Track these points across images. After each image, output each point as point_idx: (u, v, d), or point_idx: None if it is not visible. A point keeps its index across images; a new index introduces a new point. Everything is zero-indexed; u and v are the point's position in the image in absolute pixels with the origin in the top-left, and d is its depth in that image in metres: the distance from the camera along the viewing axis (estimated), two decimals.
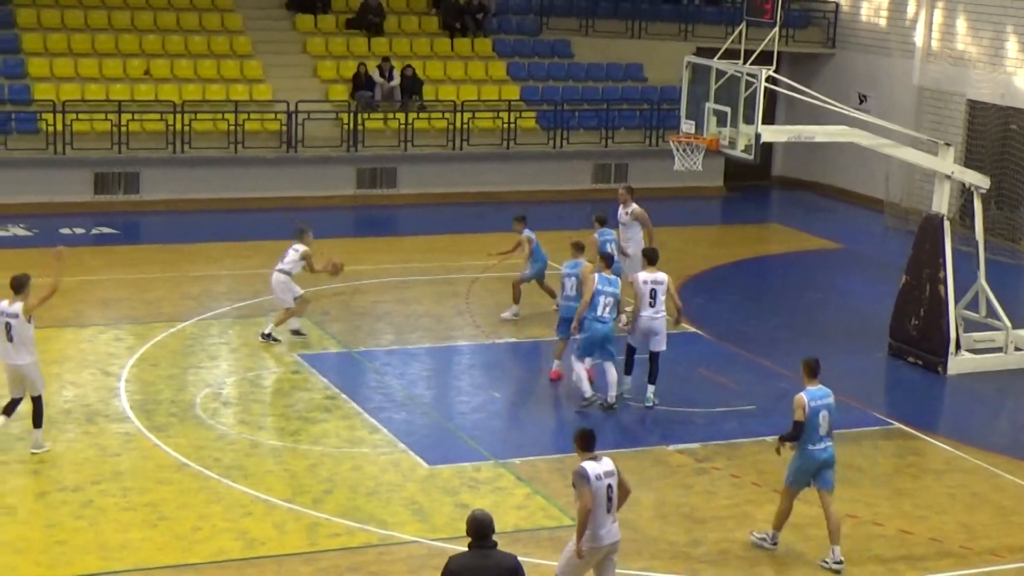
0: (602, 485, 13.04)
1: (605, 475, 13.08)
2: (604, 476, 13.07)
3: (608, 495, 13.08)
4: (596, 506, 13.00)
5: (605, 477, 13.07)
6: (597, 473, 13.04)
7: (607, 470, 13.11)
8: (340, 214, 32.87)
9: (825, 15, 38.48)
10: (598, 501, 13.00)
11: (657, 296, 19.96)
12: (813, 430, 15.47)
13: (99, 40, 34.41)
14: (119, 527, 15.59)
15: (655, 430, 19.31)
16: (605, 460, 13.19)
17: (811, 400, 15.50)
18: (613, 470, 13.16)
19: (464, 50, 37.35)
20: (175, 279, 25.87)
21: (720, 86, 21.84)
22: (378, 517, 16.11)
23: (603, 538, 13.11)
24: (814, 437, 15.48)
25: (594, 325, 19.79)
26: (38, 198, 31.13)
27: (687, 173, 23.74)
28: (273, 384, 20.59)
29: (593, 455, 13.20)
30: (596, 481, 13.00)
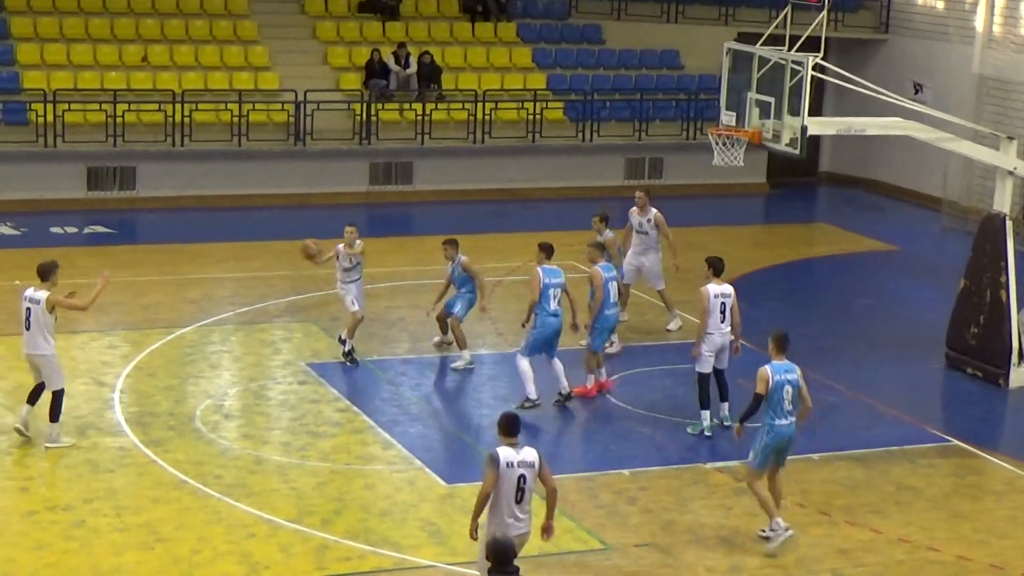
0: (512, 473, 13.40)
1: (519, 464, 13.45)
2: (518, 465, 13.44)
3: (519, 485, 13.42)
4: (503, 494, 13.41)
5: (519, 467, 13.44)
6: (509, 460, 13.43)
7: (524, 460, 13.48)
8: (352, 212, 32.78)
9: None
10: (505, 489, 13.39)
11: (726, 310, 19.76)
12: (778, 404, 16.11)
13: (93, 24, 34.54)
14: (113, 549, 15.62)
15: (692, 447, 19.28)
16: (527, 450, 13.57)
17: (775, 373, 16.20)
18: (533, 462, 13.51)
19: (486, 35, 37.38)
20: (174, 282, 25.94)
21: (763, 74, 21.80)
22: (392, 539, 16.13)
23: (511, 528, 13.43)
24: (780, 411, 16.18)
25: (548, 320, 20.05)
26: (27, 194, 31.26)
27: (727, 169, 23.69)
28: (279, 396, 20.62)
29: (513, 441, 13.58)
30: (506, 468, 13.39)
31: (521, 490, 13.49)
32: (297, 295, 25.33)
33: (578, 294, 21.03)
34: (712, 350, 19.71)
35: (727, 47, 22.79)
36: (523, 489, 13.50)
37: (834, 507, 17.50)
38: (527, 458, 13.55)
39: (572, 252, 28.18)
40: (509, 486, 13.44)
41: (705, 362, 19.68)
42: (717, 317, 19.69)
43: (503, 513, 13.50)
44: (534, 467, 13.57)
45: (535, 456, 13.60)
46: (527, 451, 13.61)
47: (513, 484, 13.44)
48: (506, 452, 13.52)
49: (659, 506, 17.27)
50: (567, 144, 35.37)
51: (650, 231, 24.11)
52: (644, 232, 24.12)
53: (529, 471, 13.53)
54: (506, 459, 13.46)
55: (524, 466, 13.50)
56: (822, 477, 18.43)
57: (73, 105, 31.94)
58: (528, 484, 13.53)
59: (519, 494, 13.49)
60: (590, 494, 17.42)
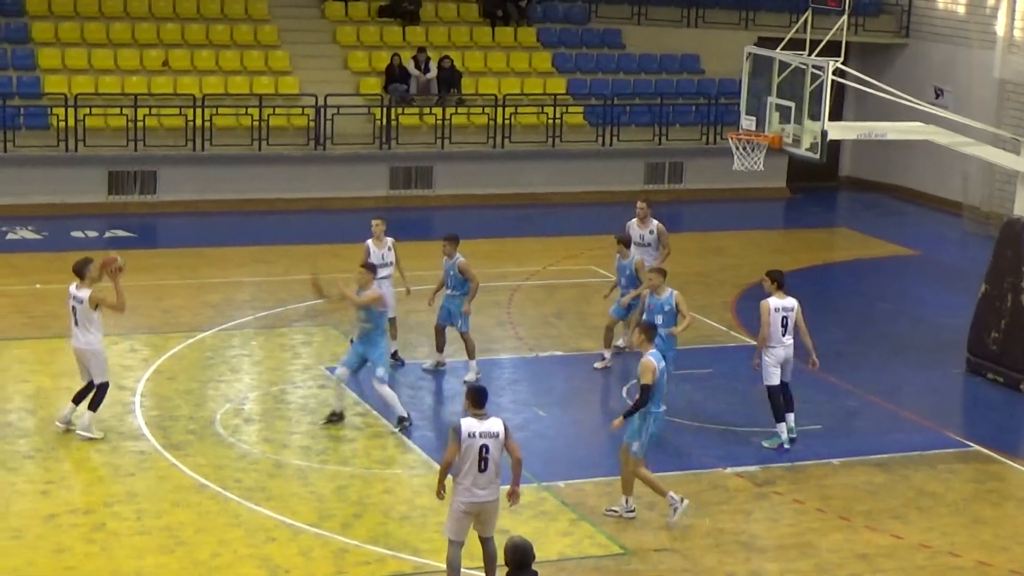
0: (474, 443, 14.08)
1: (482, 435, 14.10)
2: (480, 436, 14.10)
3: (481, 455, 14.09)
4: (466, 463, 14.10)
5: (481, 437, 14.10)
6: (471, 431, 14.09)
7: (486, 431, 14.12)
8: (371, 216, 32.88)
9: (898, 2, 38.36)
10: (468, 458, 14.08)
11: (788, 324, 19.55)
12: (659, 392, 16.70)
13: (114, 29, 34.64)
14: (133, 552, 15.66)
15: (711, 451, 19.27)
16: (492, 421, 14.23)
17: (659, 362, 16.67)
18: (497, 432, 14.15)
19: (506, 40, 37.41)
20: (194, 286, 25.99)
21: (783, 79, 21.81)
22: (411, 544, 16.13)
23: (476, 495, 14.17)
24: (658, 400, 16.75)
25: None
26: (48, 199, 31.35)
27: (747, 173, 23.70)
28: (299, 400, 20.65)
29: (480, 413, 14.24)
30: (468, 439, 14.07)
31: (484, 459, 14.07)
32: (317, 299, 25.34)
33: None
34: (777, 363, 19.45)
35: (747, 51, 22.79)
36: (485, 459, 14.07)
37: (854, 512, 17.47)
38: (491, 429, 14.12)
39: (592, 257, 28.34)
40: (471, 456, 14.05)
41: (771, 375, 19.43)
42: (779, 331, 19.43)
43: (468, 481, 14.13)
44: (498, 437, 14.14)
45: (500, 427, 14.17)
46: (492, 422, 14.19)
47: (475, 454, 14.05)
48: (469, 423, 14.13)
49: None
50: (587, 149, 35.37)
51: (651, 243, 23.24)
52: (645, 244, 23.15)
53: (491, 441, 14.09)
54: (468, 430, 14.07)
55: (487, 437, 14.09)
56: (842, 482, 18.41)
57: (94, 109, 32.04)
58: (490, 453, 14.08)
59: (482, 463, 14.09)
60: (610, 499, 17.40)
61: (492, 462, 14.15)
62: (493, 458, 14.15)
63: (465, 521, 14.43)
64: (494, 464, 14.18)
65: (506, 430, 14.26)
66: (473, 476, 14.12)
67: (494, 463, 14.17)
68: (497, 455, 14.18)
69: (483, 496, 14.22)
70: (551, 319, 24.66)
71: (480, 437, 14.10)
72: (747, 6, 37.95)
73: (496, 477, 14.27)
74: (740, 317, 25.31)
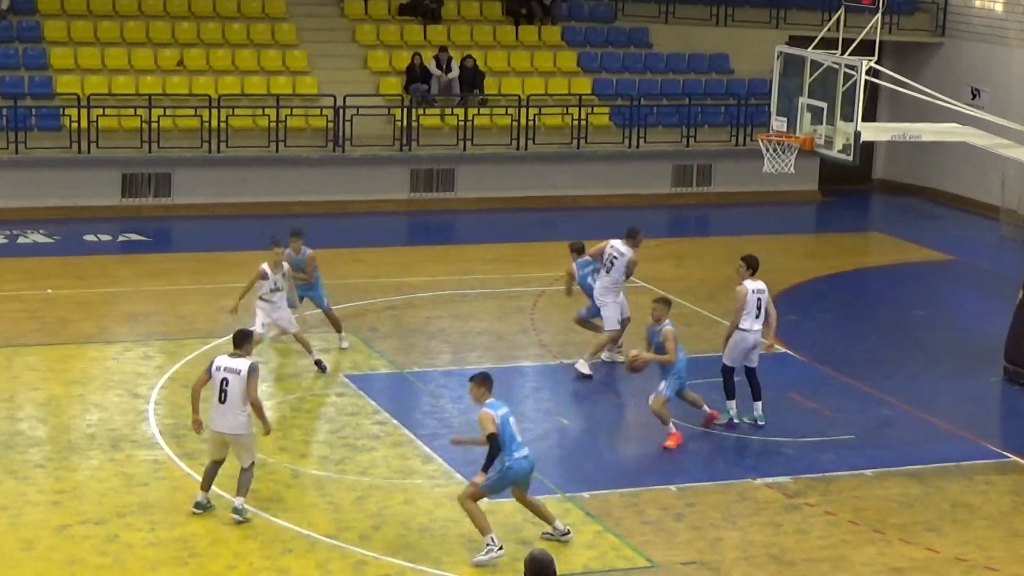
0: (218, 377, 16.43)
1: (226, 370, 16.41)
2: (224, 370, 16.42)
3: (222, 387, 16.37)
4: (212, 392, 16.47)
5: (225, 371, 16.41)
6: (219, 365, 16.49)
7: (230, 367, 16.41)
8: (392, 220, 33.01)
9: (934, 0, 38.29)
10: (212, 389, 16.45)
11: (762, 307, 20.23)
12: (509, 437, 16.01)
13: (128, 28, 34.75)
14: (146, 564, 15.69)
15: (741, 462, 19.25)
16: (243, 361, 16.46)
17: (496, 410, 16.09)
18: (238, 370, 16.34)
19: (530, 39, 37.43)
20: (209, 291, 26.04)
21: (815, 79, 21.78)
22: (432, 555, 16.14)
23: (213, 422, 16.58)
24: (515, 445, 16.06)
25: None
26: (61, 202, 31.45)
27: (777, 176, 23.65)
28: (317, 408, 20.68)
29: (239, 352, 16.55)
30: (215, 372, 16.47)
31: (223, 392, 16.39)
32: (335, 305, 25.36)
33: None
34: (745, 348, 20.10)
35: (778, 51, 22.76)
36: (225, 391, 16.39)
37: (888, 525, 17.43)
38: (237, 367, 16.40)
39: None
40: (213, 387, 16.43)
41: (735, 357, 20.20)
42: (753, 313, 20.10)
43: (210, 409, 16.52)
44: (239, 373, 16.38)
45: (245, 366, 16.40)
46: (242, 361, 16.43)
47: (217, 386, 16.40)
48: (221, 359, 16.61)
49: (707, 523, 17.24)
50: (613, 150, 35.37)
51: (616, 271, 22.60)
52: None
53: (232, 376, 16.39)
54: (216, 365, 16.53)
55: (230, 372, 16.41)
56: (876, 493, 18.36)
57: (107, 110, 32.14)
58: (229, 387, 16.35)
59: (222, 395, 16.40)
60: (636, 510, 17.40)
61: (231, 395, 16.36)
62: (232, 392, 16.35)
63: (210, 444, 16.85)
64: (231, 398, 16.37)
65: (249, 372, 16.43)
66: (214, 407, 16.49)
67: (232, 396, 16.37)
68: (240, 389, 16.33)
69: (222, 427, 16.53)
70: (576, 326, 24.62)
71: (224, 372, 16.42)
72: (778, 4, 37.92)
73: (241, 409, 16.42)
74: None
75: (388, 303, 25.55)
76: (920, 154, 36.44)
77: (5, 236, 29.59)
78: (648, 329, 19.98)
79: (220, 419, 16.52)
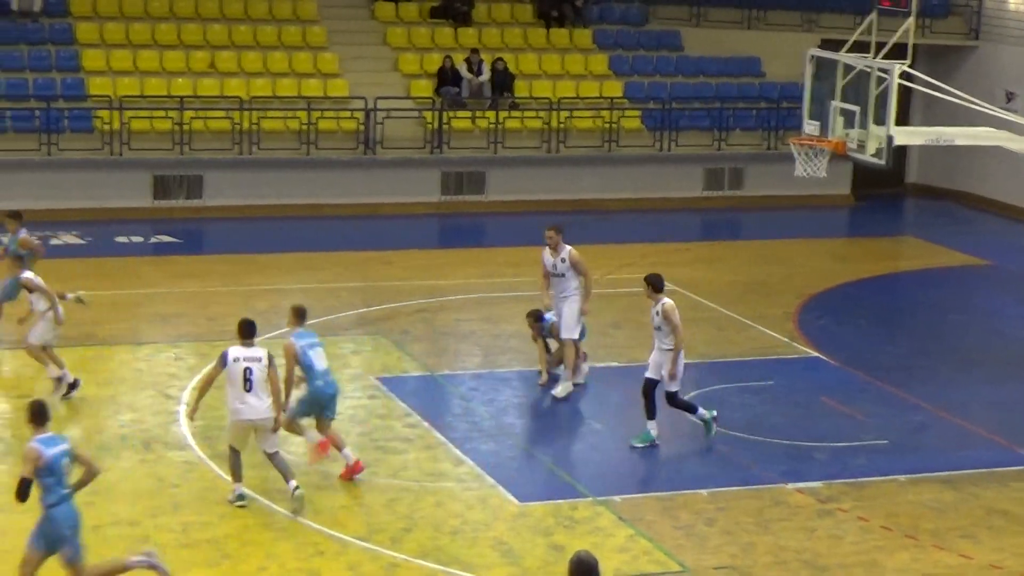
0: (239, 367, 16.69)
1: (246, 359, 16.71)
2: (244, 360, 16.72)
3: (246, 376, 16.65)
4: (231, 384, 16.72)
5: (244, 360, 16.71)
6: (236, 356, 16.74)
7: (250, 355, 16.74)
8: (423, 223, 33.03)
9: (968, 3, 38.18)
10: (233, 379, 16.68)
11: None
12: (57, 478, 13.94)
13: (160, 30, 34.85)
14: (178, 565, 15.71)
15: (773, 467, 19.21)
16: (256, 349, 16.83)
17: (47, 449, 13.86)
18: (259, 357, 16.74)
19: (561, 42, 37.43)
20: (240, 293, 26.11)
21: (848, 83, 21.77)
22: (463, 559, 16.16)
23: (241, 412, 16.76)
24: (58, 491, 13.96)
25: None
26: (92, 203, 31.54)
27: (810, 180, 23.65)
28: (348, 410, 20.69)
29: (248, 342, 16.84)
30: (233, 363, 16.72)
31: (248, 380, 16.63)
32: (367, 307, 25.45)
33: None
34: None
35: (810, 54, 22.76)
36: (249, 380, 16.63)
37: (921, 531, 17.38)
38: (257, 355, 16.75)
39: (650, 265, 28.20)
40: (236, 377, 16.64)
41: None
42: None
43: (232, 398, 16.74)
44: (260, 360, 16.75)
45: (264, 354, 16.81)
46: (256, 350, 16.81)
47: (239, 375, 16.62)
48: (236, 349, 16.78)
49: (739, 527, 17.22)
50: (644, 154, 35.34)
51: (565, 272, 21.58)
52: (556, 275, 21.67)
53: (255, 364, 16.70)
54: (233, 355, 16.75)
55: (251, 360, 16.70)
56: (909, 499, 18.32)
57: (139, 112, 32.25)
58: (254, 375, 16.62)
59: (247, 383, 16.62)
60: (668, 514, 17.40)
61: (256, 383, 16.67)
62: (257, 379, 16.66)
63: (237, 435, 17.01)
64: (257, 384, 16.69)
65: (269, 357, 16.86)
66: (238, 394, 16.70)
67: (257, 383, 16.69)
68: (262, 376, 16.69)
69: (252, 413, 16.76)
70: (607, 329, 24.64)
71: (244, 361, 16.70)
72: (810, 7, 37.85)
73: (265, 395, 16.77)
74: (802, 328, 25.23)
75: (419, 306, 25.58)
76: (954, 158, 36.33)
77: (37, 237, 29.63)
78: None
79: (247, 408, 16.75)
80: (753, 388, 21.74)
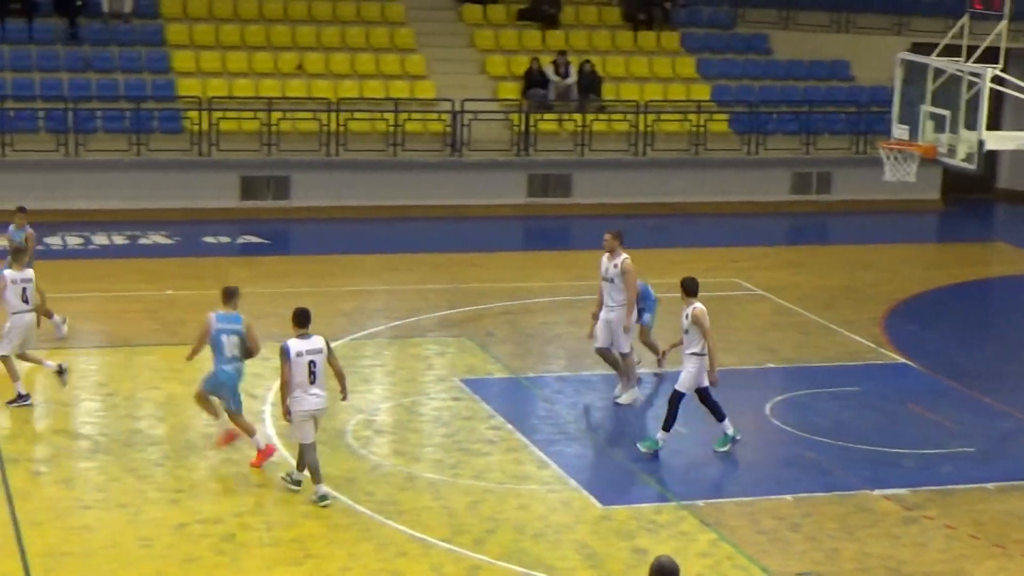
0: (302, 361, 16.67)
1: (308, 352, 16.72)
2: (306, 353, 16.71)
3: (311, 369, 16.71)
4: (297, 378, 16.70)
5: (307, 354, 16.72)
6: (299, 350, 16.66)
7: (311, 348, 16.73)
8: (509, 225, 33.08)
9: None
10: (298, 374, 16.68)
11: None
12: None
13: (249, 32, 35.13)
14: (262, 564, 15.83)
15: (858, 472, 19.07)
16: (315, 339, 16.80)
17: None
18: (320, 348, 16.78)
19: (649, 44, 37.37)
20: (326, 294, 26.24)
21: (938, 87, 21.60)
22: (546, 561, 16.15)
23: (309, 403, 16.84)
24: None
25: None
26: (180, 203, 31.85)
27: (899, 185, 23.46)
28: (432, 412, 20.76)
29: (304, 332, 16.78)
30: (296, 357, 16.65)
31: (312, 373, 16.73)
32: (452, 309, 25.51)
33: None
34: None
35: (900, 58, 22.59)
36: (314, 372, 16.74)
37: (1010, 540, 17.19)
38: (316, 346, 16.75)
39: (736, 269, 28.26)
40: (301, 371, 16.66)
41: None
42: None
43: (301, 393, 16.74)
44: (321, 352, 16.78)
45: (322, 343, 16.82)
46: (315, 339, 16.81)
47: (305, 369, 16.67)
48: (295, 343, 16.70)
49: (823, 533, 17.11)
50: (731, 157, 35.23)
51: (615, 279, 21.23)
52: (609, 279, 21.29)
53: (318, 356, 16.74)
54: (295, 350, 16.65)
55: (312, 353, 16.69)
56: (997, 508, 18.12)
57: (228, 113, 32.51)
58: (318, 367, 16.74)
59: (312, 376, 16.74)
60: (751, 519, 17.31)
61: (320, 375, 16.82)
62: (320, 372, 16.81)
63: (307, 428, 16.99)
64: (322, 375, 16.85)
65: (327, 346, 16.93)
66: (305, 388, 16.75)
67: (322, 374, 16.85)
68: (323, 367, 16.86)
69: (317, 404, 16.93)
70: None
71: (307, 354, 16.68)
72: (900, 10, 37.60)
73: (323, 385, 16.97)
74: (889, 334, 25.05)
75: (504, 308, 25.61)
76: None
77: (126, 237, 30.02)
78: None
79: (315, 400, 16.98)
80: (840, 393, 21.60)
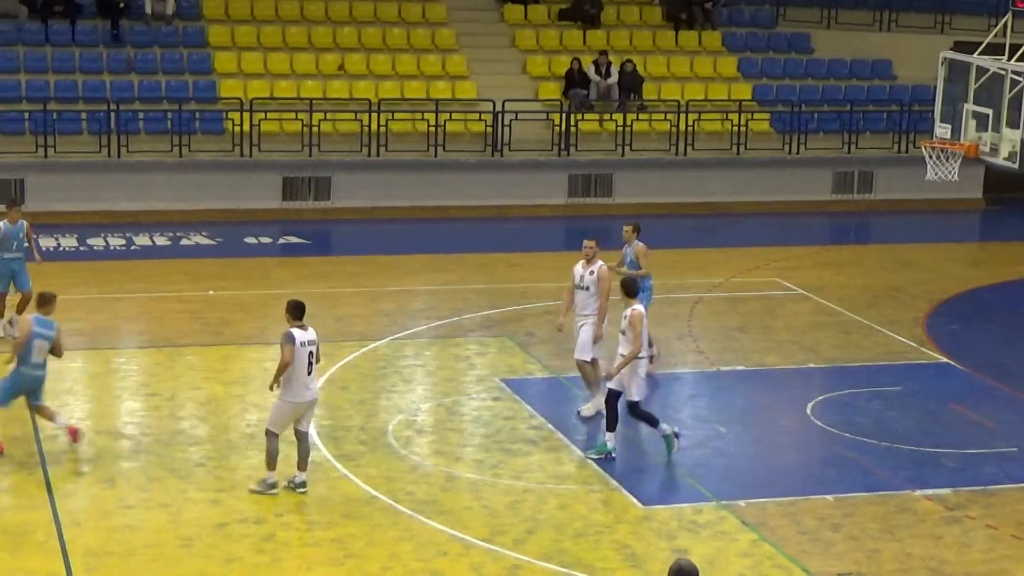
0: (304, 351, 16.89)
1: (309, 343, 16.97)
2: (308, 344, 16.95)
3: (309, 360, 16.97)
4: (297, 367, 16.87)
5: (308, 344, 16.96)
6: (303, 340, 16.89)
7: (311, 339, 17.01)
8: (550, 225, 33.08)
9: None
10: (299, 363, 16.86)
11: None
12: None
13: (290, 33, 35.23)
14: (303, 563, 15.88)
15: (900, 472, 19.01)
16: (311, 331, 17.10)
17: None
18: (316, 339, 17.10)
19: (690, 44, 37.32)
20: (368, 294, 26.30)
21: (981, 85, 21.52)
22: (586, 561, 16.15)
23: (304, 395, 17.09)
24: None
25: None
26: (222, 204, 31.95)
27: (941, 183, 23.40)
28: (472, 412, 20.78)
29: (301, 324, 17.04)
30: (300, 347, 16.85)
31: (311, 364, 17.00)
32: (493, 309, 25.52)
33: None
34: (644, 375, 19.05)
35: (943, 56, 22.53)
36: (311, 363, 17.00)
37: None
38: (312, 337, 17.05)
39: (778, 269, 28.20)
40: (302, 361, 16.87)
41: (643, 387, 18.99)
42: (646, 339, 19.18)
43: (298, 383, 16.92)
44: (316, 344, 17.10)
45: (315, 335, 17.17)
46: (311, 331, 17.11)
47: (305, 359, 16.92)
48: (299, 333, 16.93)
49: (865, 534, 17.05)
50: (773, 157, 35.15)
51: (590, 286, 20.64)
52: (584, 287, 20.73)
53: (315, 348, 17.07)
54: (300, 340, 16.86)
55: (311, 344, 16.97)
56: None
57: (269, 114, 32.62)
58: (315, 359, 17.06)
59: (310, 367, 17.00)
60: (793, 519, 17.27)
61: (315, 366, 17.10)
62: (315, 363, 17.08)
63: (287, 418, 17.20)
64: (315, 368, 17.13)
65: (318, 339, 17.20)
66: (303, 378, 16.95)
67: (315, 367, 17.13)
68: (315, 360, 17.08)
69: (311, 395, 17.20)
70: (734, 332, 24.54)
71: (308, 345, 16.92)
72: (943, 9, 37.47)
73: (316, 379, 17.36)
74: (931, 333, 24.95)
75: (545, 308, 25.59)
76: None
77: (168, 238, 30.16)
78: None
79: (307, 391, 17.14)
80: (881, 393, 21.52)
